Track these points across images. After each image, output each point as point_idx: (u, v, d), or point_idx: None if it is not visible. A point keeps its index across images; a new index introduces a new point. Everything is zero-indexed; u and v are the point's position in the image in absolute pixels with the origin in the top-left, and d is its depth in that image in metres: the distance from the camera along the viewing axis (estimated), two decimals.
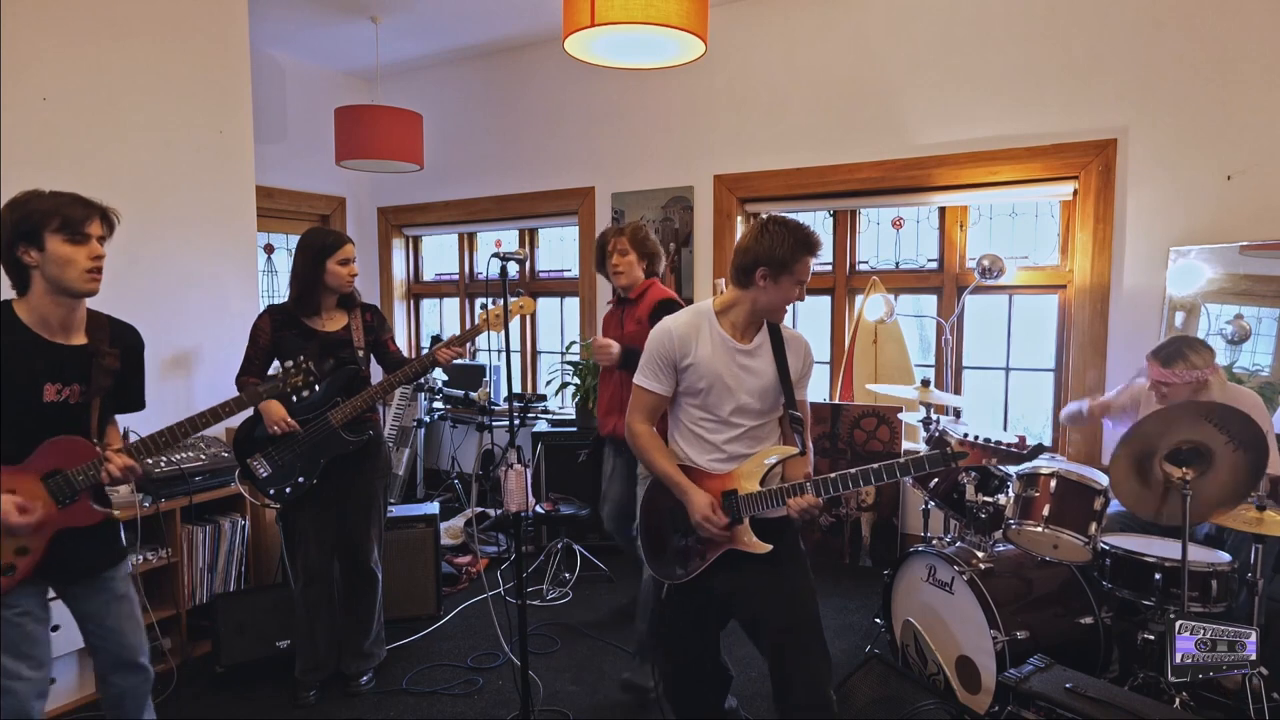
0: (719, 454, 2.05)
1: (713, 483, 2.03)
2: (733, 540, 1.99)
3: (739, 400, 2.02)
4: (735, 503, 1.99)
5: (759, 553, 1.95)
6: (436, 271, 5.86)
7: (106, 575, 1.99)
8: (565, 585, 3.83)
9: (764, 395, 2.04)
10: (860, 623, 3.37)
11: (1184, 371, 2.75)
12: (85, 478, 1.86)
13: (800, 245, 1.96)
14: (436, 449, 5.51)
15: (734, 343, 2.04)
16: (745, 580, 2.02)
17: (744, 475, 2.01)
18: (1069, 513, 2.60)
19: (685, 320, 2.08)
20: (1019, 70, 3.64)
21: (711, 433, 2.06)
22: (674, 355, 2.05)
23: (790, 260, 1.96)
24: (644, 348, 2.11)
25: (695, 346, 2.03)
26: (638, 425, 2.12)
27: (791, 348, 2.09)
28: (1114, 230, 3.51)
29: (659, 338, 2.07)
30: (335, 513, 2.80)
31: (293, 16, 4.41)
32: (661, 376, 2.08)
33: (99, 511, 1.92)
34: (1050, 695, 2.03)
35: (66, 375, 1.87)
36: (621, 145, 4.70)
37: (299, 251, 2.73)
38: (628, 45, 2.54)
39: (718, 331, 2.05)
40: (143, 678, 2.11)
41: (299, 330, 2.73)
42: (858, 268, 4.32)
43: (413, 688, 2.92)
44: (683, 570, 2.09)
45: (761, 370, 2.04)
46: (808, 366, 2.13)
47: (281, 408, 2.63)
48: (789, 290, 2.00)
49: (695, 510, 1.99)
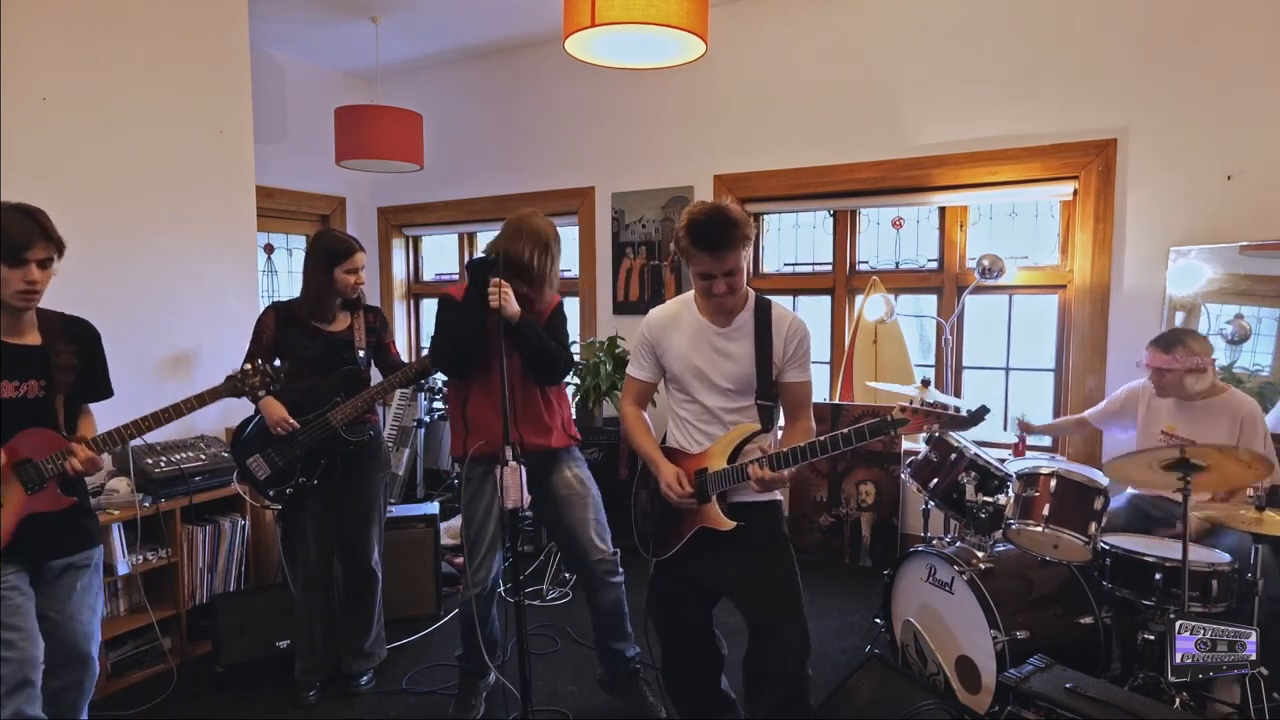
0: (701, 436, 2.13)
1: (690, 462, 2.13)
2: (704, 517, 2.07)
3: (714, 383, 2.09)
4: (704, 480, 2.07)
5: (724, 529, 2.02)
6: (436, 271, 5.86)
7: (74, 560, 2.09)
8: (565, 585, 3.83)
9: (740, 379, 2.08)
10: (860, 623, 3.37)
11: (1183, 357, 2.77)
12: (54, 466, 1.99)
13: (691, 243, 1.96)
14: (436, 449, 5.50)
15: (711, 327, 2.10)
16: (724, 563, 2.09)
17: (714, 454, 2.09)
18: (1069, 512, 2.60)
19: (668, 307, 2.21)
20: (1019, 70, 3.64)
21: (695, 416, 2.14)
22: (652, 341, 2.19)
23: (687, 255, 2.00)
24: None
25: (672, 333, 2.14)
26: (628, 408, 2.29)
27: (776, 329, 2.08)
28: (1114, 230, 3.51)
29: (642, 326, 2.22)
30: (336, 513, 2.80)
31: (293, 16, 4.41)
32: (644, 364, 2.22)
33: (65, 498, 2.04)
34: (1050, 695, 2.03)
35: (22, 373, 1.98)
36: (621, 145, 4.70)
37: (308, 255, 2.74)
38: (628, 45, 2.54)
39: (695, 317, 2.12)
40: (87, 671, 2.14)
41: (303, 328, 2.73)
42: (858, 268, 4.32)
43: (413, 687, 2.92)
44: (664, 545, 2.18)
45: (738, 354, 2.08)
46: (796, 348, 2.09)
47: (282, 408, 2.63)
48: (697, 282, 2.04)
49: (661, 480, 2.10)
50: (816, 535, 4.16)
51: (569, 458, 2.62)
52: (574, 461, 2.63)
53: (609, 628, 2.64)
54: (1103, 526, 2.64)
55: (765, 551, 2.09)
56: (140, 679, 2.94)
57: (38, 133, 2.96)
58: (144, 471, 2.96)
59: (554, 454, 2.58)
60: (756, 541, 2.07)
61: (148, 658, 3.01)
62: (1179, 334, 2.87)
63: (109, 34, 3.17)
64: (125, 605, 3.03)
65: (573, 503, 2.56)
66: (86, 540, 2.12)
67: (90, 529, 2.15)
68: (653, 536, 2.24)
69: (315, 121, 5.08)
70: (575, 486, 2.57)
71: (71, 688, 2.13)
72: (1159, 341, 2.88)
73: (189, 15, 3.44)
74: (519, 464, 2.13)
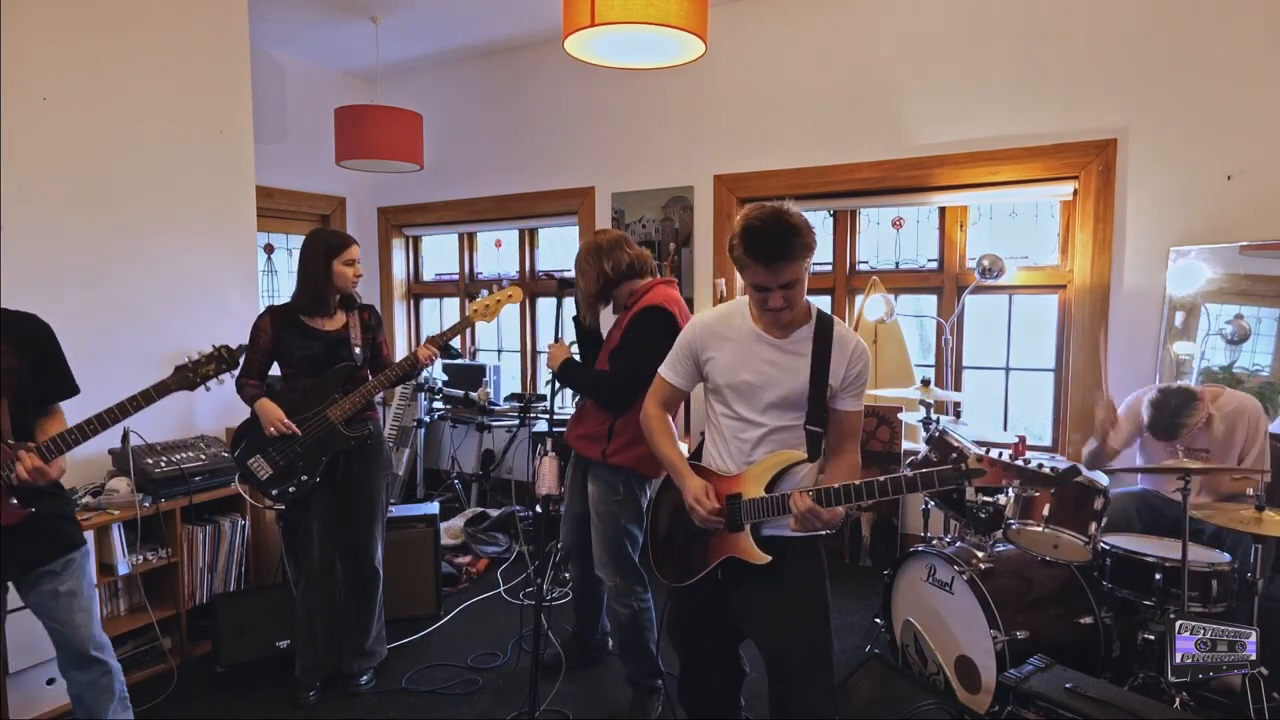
0: (739, 454, 1.93)
1: (722, 484, 1.93)
2: (733, 547, 1.89)
3: (764, 398, 1.89)
4: (738, 507, 1.88)
5: (757, 563, 1.84)
6: (436, 271, 5.85)
7: (49, 569, 2.01)
8: (565, 585, 3.82)
9: (790, 396, 1.88)
10: (860, 623, 3.37)
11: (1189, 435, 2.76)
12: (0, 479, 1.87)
13: (745, 252, 1.78)
14: (436, 449, 5.50)
15: (767, 337, 1.90)
16: (752, 600, 1.93)
17: (750, 479, 1.89)
18: (1069, 513, 2.60)
19: (718, 313, 2.00)
20: (1019, 70, 3.64)
21: (734, 432, 1.94)
22: (696, 348, 1.98)
23: (740, 265, 1.82)
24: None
25: (721, 340, 1.95)
26: (651, 408, 2.08)
27: (838, 349, 1.89)
28: (1114, 230, 3.51)
29: (686, 330, 2.02)
30: (337, 513, 2.80)
31: (293, 16, 4.41)
32: (680, 368, 2.02)
33: (20, 510, 1.92)
34: (1050, 695, 2.03)
35: None
36: (621, 145, 4.70)
37: (305, 251, 2.73)
38: (628, 45, 2.54)
39: (748, 324, 1.93)
40: (99, 672, 2.12)
41: (300, 329, 2.73)
42: (858, 268, 4.32)
43: (413, 687, 2.92)
44: (687, 571, 2.00)
45: (794, 368, 1.89)
46: (856, 374, 1.90)
47: (278, 409, 2.63)
48: (751, 292, 1.86)
49: (688, 493, 1.92)
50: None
51: (602, 475, 2.59)
52: (605, 485, 2.58)
53: (618, 643, 2.69)
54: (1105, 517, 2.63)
55: (798, 595, 1.90)
56: (140, 679, 2.94)
57: (38, 133, 2.96)
58: (144, 471, 2.96)
59: (590, 464, 2.64)
60: (789, 583, 1.89)
61: (148, 658, 3.01)
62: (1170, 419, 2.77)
63: (109, 34, 3.17)
64: (125, 605, 3.03)
65: (591, 518, 2.64)
66: (58, 546, 2.02)
67: (63, 534, 2.04)
68: (671, 560, 2.06)
69: (315, 121, 5.08)
70: (596, 506, 2.61)
71: (90, 688, 2.12)
72: (1158, 434, 2.81)
73: (189, 15, 3.44)
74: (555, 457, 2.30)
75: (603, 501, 2.57)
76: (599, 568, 2.63)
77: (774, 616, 1.91)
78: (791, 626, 1.90)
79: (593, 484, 2.61)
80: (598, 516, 2.59)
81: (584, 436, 2.63)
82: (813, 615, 1.90)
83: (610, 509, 2.56)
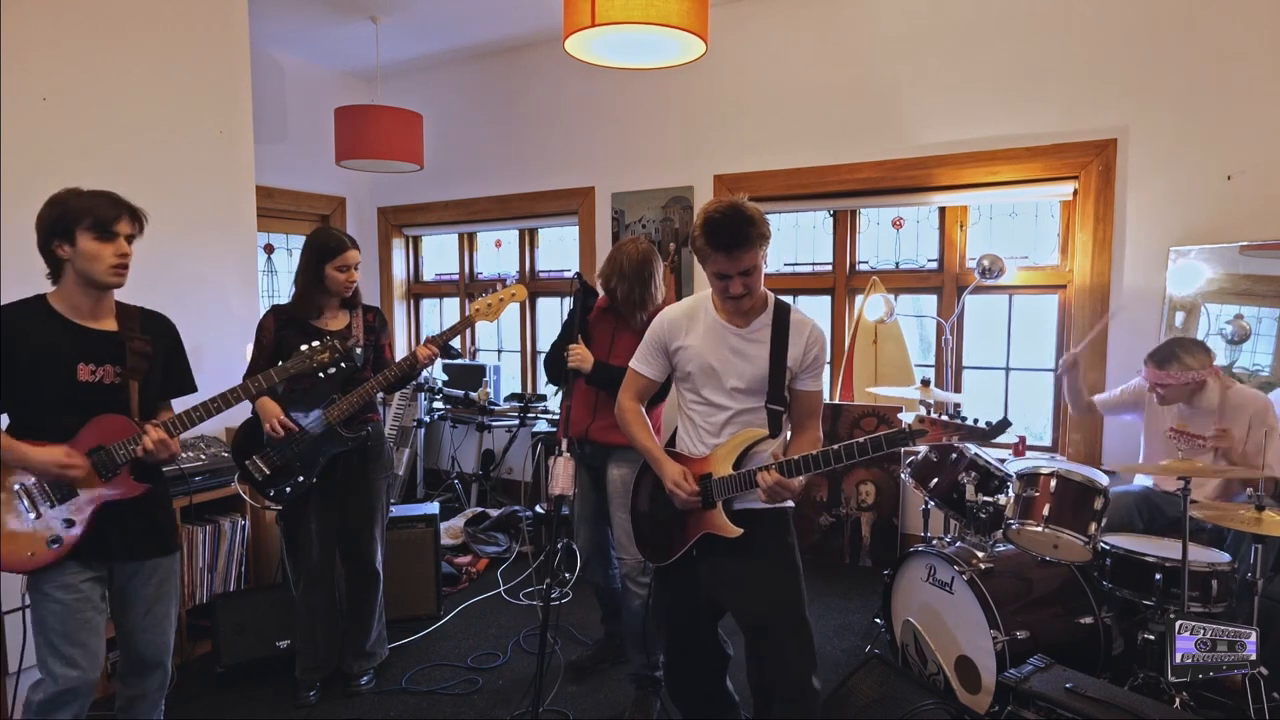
0: (708, 436, 2.09)
1: (693, 466, 2.08)
2: (708, 524, 2.03)
3: (727, 384, 2.04)
4: (709, 486, 2.02)
5: (729, 536, 1.98)
6: (436, 271, 5.86)
7: (151, 563, 2.07)
8: (565, 585, 3.83)
9: (753, 380, 2.03)
10: (860, 623, 3.37)
11: (1178, 373, 2.77)
12: (126, 452, 1.97)
13: (706, 243, 1.92)
14: (436, 449, 5.51)
15: (729, 327, 2.05)
16: (726, 572, 2.05)
17: (718, 459, 2.04)
18: (1069, 512, 2.60)
19: (684, 306, 2.15)
20: (1019, 70, 3.64)
21: (704, 416, 2.10)
22: (665, 340, 2.12)
23: (702, 256, 1.96)
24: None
25: (687, 332, 2.09)
26: (625, 401, 2.22)
27: (795, 334, 2.03)
28: (1114, 230, 3.51)
29: (655, 323, 2.16)
30: (338, 513, 2.80)
31: (293, 16, 4.41)
32: (651, 361, 2.16)
33: (138, 484, 2.02)
34: (1050, 695, 2.03)
35: (99, 356, 1.98)
36: (621, 145, 4.70)
37: (302, 251, 2.73)
38: (628, 45, 2.54)
39: (712, 316, 2.08)
40: (161, 678, 2.15)
41: (302, 329, 2.72)
42: (858, 268, 4.32)
43: (413, 687, 2.92)
44: (666, 551, 2.14)
45: (754, 355, 2.03)
46: (813, 356, 2.05)
47: (278, 408, 2.63)
48: (713, 281, 2.00)
49: (667, 478, 2.05)
50: (816, 535, 4.16)
51: (628, 459, 2.63)
52: (632, 467, 2.60)
53: (629, 628, 2.72)
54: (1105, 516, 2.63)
55: (770, 562, 2.03)
56: None
57: (38, 133, 2.96)
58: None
59: (613, 449, 2.69)
60: (762, 550, 2.02)
61: None
62: (1173, 348, 2.84)
63: (109, 34, 3.17)
64: None
65: (615, 501, 2.69)
66: (162, 546, 2.10)
67: (167, 533, 2.12)
68: (652, 540, 2.21)
69: (315, 121, 5.08)
70: (618, 489, 2.67)
71: (140, 698, 2.13)
72: (1154, 357, 2.87)
73: (189, 15, 3.43)
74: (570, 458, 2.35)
75: (627, 483, 2.62)
76: (619, 550, 2.72)
77: (750, 584, 2.02)
78: (768, 591, 2.01)
79: (615, 469, 2.70)
80: (621, 498, 2.65)
81: (609, 426, 2.65)
82: (787, 578, 2.02)
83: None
